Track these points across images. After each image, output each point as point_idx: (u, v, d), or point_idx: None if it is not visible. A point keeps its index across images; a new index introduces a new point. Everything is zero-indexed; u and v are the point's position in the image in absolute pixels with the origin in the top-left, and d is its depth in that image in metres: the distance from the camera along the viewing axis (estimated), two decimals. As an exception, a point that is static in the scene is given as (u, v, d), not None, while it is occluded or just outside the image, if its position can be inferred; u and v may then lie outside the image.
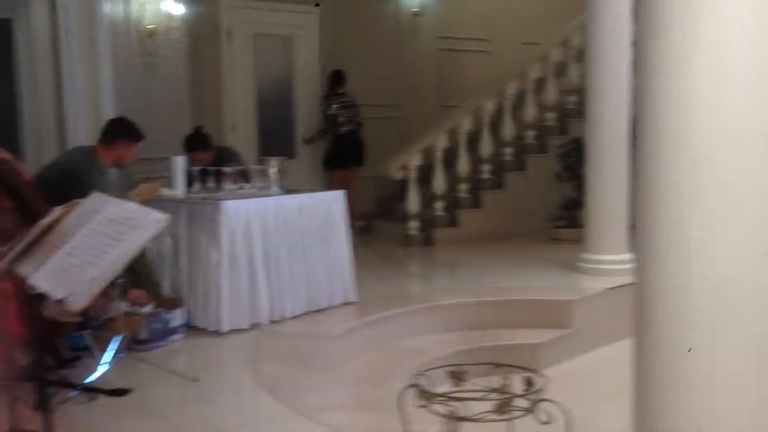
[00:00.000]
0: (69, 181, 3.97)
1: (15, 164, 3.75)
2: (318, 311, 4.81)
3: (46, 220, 2.26)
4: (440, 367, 2.01)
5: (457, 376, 1.93)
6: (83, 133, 5.42)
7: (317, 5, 4.69)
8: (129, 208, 2.15)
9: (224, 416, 3.25)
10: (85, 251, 2.07)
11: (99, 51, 5.43)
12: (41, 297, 2.51)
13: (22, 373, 3.42)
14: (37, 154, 5.51)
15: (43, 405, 2.30)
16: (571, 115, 7.77)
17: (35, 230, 2.24)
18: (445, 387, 1.99)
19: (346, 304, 4.98)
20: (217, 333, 4.30)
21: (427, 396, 1.89)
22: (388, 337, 4.64)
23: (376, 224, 8.18)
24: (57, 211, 2.34)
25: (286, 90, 8.04)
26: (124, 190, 3.97)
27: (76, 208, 2.35)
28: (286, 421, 3.17)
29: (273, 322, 4.54)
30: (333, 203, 4.97)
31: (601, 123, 5.48)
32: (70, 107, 5.48)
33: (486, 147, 7.64)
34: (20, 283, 3.06)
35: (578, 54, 7.38)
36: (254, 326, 4.42)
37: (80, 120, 5.42)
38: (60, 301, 1.94)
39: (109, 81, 5.52)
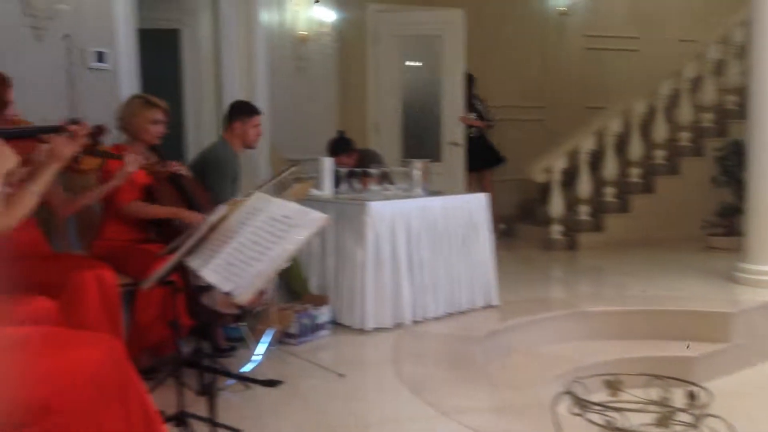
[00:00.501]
0: (216, 171, 4.23)
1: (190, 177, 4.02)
2: (459, 313, 4.81)
3: (213, 218, 2.40)
4: (596, 375, 1.96)
5: (614, 386, 1.87)
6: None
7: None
8: (290, 207, 2.25)
9: (367, 412, 3.33)
10: (250, 247, 2.19)
11: (255, 56, 5.72)
12: (204, 290, 2.68)
13: (186, 360, 3.68)
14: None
15: (208, 390, 2.44)
16: (731, 116, 7.33)
17: (204, 227, 2.39)
18: (599, 396, 1.94)
19: (487, 307, 4.95)
20: (361, 331, 4.41)
21: (583, 404, 1.84)
22: (531, 342, 4.57)
23: (518, 227, 8.07)
24: (223, 209, 2.48)
25: (430, 92, 8.08)
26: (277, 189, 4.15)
27: (240, 207, 2.49)
28: (427, 420, 3.19)
29: (415, 322, 4.58)
30: (476, 206, 4.96)
31: (764, 124, 5.14)
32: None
33: (635, 149, 7.35)
34: (187, 277, 3.30)
35: (739, 51, 6.94)
36: (397, 325, 4.48)
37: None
38: (227, 294, 2.06)
39: (264, 84, 5.80)
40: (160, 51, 6.09)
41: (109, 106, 3.89)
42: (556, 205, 7.14)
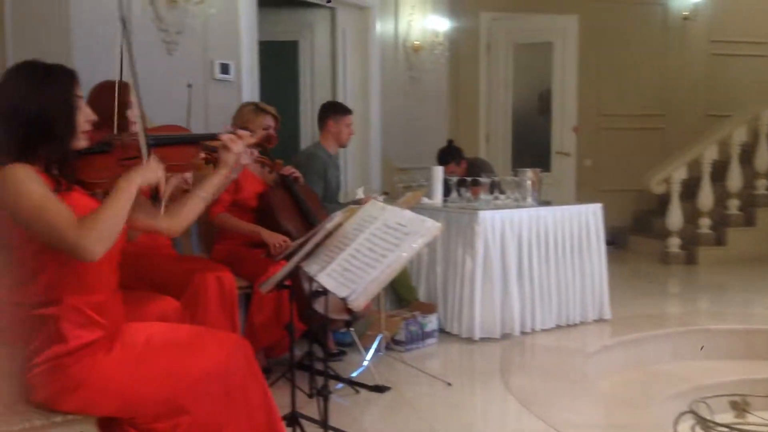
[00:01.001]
0: (311, 171, 4.33)
1: (303, 183, 4.15)
2: (569, 326, 4.73)
3: (330, 225, 2.48)
4: (721, 395, 1.88)
5: (741, 407, 1.79)
6: (351, 139, 5.84)
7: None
8: (405, 215, 2.28)
9: (474, 422, 3.32)
10: (365, 254, 2.25)
11: (370, 67, 5.84)
12: (318, 295, 2.76)
13: (298, 363, 3.79)
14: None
15: (321, 393, 2.51)
16: None
17: (320, 234, 2.47)
18: (724, 417, 1.86)
19: (599, 320, 4.84)
20: (469, 340, 4.40)
21: (707, 425, 1.77)
22: (645, 359, 4.42)
23: (631, 240, 7.82)
24: (338, 216, 2.55)
25: (542, 100, 7.97)
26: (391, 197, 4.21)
27: (355, 214, 2.55)
28: (538, 433, 3.16)
29: (524, 333, 4.54)
30: (590, 216, 4.85)
31: None
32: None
33: (763, 160, 6.98)
34: (299, 283, 3.41)
35: None
36: (505, 336, 4.45)
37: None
38: (343, 300, 2.12)
39: (377, 94, 5.90)
40: (279, 62, 6.32)
41: (231, 116, 4.08)
42: (675, 217, 6.87)
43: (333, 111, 4.66)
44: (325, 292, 2.37)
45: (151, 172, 2.04)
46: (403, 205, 3.51)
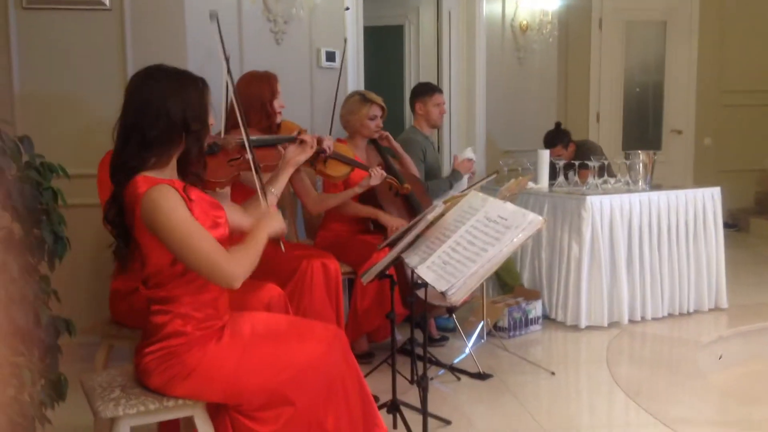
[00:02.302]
0: (416, 157, 4.34)
1: (403, 157, 4.19)
2: (682, 315, 4.57)
3: (431, 216, 2.48)
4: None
5: None
6: (455, 122, 5.82)
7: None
8: (507, 208, 2.26)
9: (578, 414, 3.27)
10: (465, 247, 2.24)
11: (475, 48, 5.75)
12: (421, 286, 2.78)
13: (400, 348, 3.85)
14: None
15: (420, 382, 2.54)
16: None
17: (422, 224, 2.48)
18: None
19: (714, 309, 4.66)
20: (575, 328, 4.32)
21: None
22: (764, 351, 4.20)
23: (754, 222, 7.41)
24: (440, 207, 2.55)
25: (655, 79, 7.64)
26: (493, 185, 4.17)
27: (456, 205, 2.55)
28: (643, 428, 3.06)
29: (632, 322, 4.41)
30: (707, 201, 4.64)
31: None
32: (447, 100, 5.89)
33: None
34: (402, 269, 3.44)
35: None
36: (613, 325, 4.34)
37: (455, 112, 5.81)
38: (442, 294, 2.13)
39: (482, 76, 5.82)
40: (384, 47, 6.34)
41: (338, 102, 4.14)
42: (803, 200, 6.45)
43: (419, 93, 4.62)
44: (425, 284, 2.38)
45: (278, 223, 2.29)
46: (507, 192, 3.48)
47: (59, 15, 3.64)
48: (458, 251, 2.25)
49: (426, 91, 4.60)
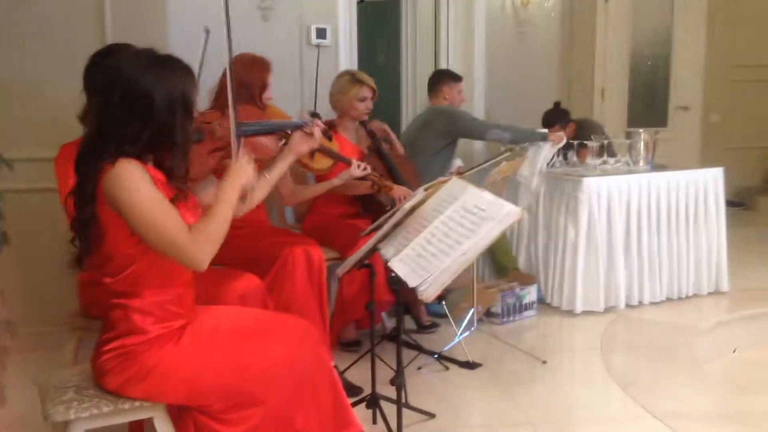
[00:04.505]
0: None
1: (391, 137, 4.07)
2: (681, 299, 4.48)
3: (408, 204, 2.38)
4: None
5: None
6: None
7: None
8: (484, 198, 2.15)
9: (570, 406, 3.16)
10: (440, 239, 2.13)
11: (474, 24, 5.59)
12: (393, 281, 2.67)
13: (387, 336, 3.77)
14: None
15: (396, 382, 2.45)
16: None
17: (400, 214, 2.38)
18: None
19: (714, 293, 4.56)
20: (570, 313, 4.23)
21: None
22: (765, 338, 4.09)
23: (761, 201, 7.26)
24: (420, 194, 2.45)
25: (662, 53, 7.44)
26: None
27: (437, 192, 2.43)
28: (637, 421, 2.95)
29: (629, 306, 4.32)
30: (709, 182, 4.51)
31: None
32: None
33: None
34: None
35: None
36: (609, 310, 4.25)
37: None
38: (413, 289, 2.03)
39: (482, 53, 5.66)
40: (380, 23, 6.17)
41: (328, 81, 4.00)
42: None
43: (448, 77, 4.71)
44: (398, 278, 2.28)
45: (246, 175, 2.07)
46: (500, 175, 3.37)
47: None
48: (433, 243, 2.14)
49: (456, 77, 4.74)
